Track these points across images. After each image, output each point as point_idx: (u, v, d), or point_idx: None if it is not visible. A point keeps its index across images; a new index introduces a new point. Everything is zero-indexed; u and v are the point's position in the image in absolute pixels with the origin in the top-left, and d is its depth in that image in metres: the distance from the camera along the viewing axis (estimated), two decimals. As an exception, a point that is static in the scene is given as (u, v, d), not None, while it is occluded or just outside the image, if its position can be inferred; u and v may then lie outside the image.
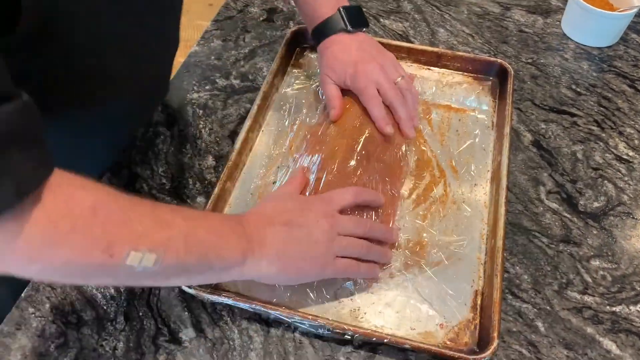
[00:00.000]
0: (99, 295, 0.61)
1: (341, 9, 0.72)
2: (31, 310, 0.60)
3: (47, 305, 0.60)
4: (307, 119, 0.77)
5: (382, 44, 0.84)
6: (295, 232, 0.57)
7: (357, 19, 0.73)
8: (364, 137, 0.69)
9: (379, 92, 0.70)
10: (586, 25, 0.90)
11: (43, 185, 0.41)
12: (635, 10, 0.87)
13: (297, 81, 0.83)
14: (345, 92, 0.73)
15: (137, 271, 0.45)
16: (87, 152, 0.63)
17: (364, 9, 0.77)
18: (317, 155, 0.67)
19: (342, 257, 0.59)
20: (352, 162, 0.66)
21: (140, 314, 0.60)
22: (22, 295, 0.61)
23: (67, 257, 0.42)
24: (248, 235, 0.55)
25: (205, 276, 0.54)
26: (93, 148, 0.67)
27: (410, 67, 0.85)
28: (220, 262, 0.53)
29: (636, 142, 0.78)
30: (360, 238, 0.61)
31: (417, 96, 0.76)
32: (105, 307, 0.60)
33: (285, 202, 0.60)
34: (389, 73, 0.72)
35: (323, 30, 0.73)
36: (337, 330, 0.58)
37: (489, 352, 0.55)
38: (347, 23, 0.72)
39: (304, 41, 0.88)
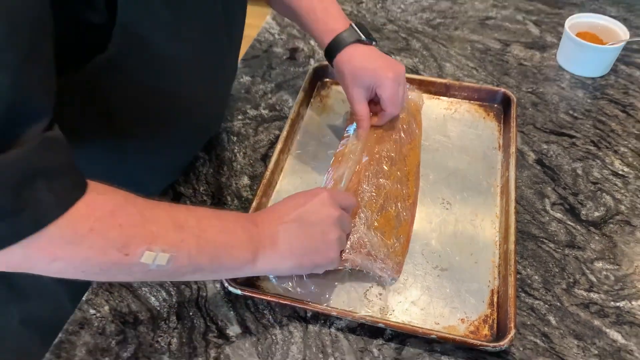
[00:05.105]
0: (152, 299, 0.68)
1: (353, 24, 0.78)
2: (92, 311, 0.67)
3: (106, 307, 0.67)
4: (329, 145, 0.85)
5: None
6: (306, 227, 0.61)
7: (366, 33, 0.79)
8: (383, 156, 0.77)
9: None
10: (579, 58, 0.99)
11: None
12: (623, 43, 0.97)
13: (318, 111, 0.92)
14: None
15: (150, 269, 0.51)
16: (150, 171, 0.69)
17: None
18: (342, 168, 0.76)
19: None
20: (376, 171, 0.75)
21: (191, 313, 0.67)
22: (83, 298, 0.68)
23: (86, 255, 0.47)
24: (260, 234, 0.59)
25: (218, 274, 0.61)
26: (156, 166, 0.74)
27: (422, 97, 0.94)
28: (232, 261, 0.57)
29: (630, 159, 0.86)
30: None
31: None
32: (158, 308, 0.67)
33: (295, 198, 0.64)
34: (404, 80, 0.80)
35: (340, 42, 0.77)
36: (371, 324, 0.64)
37: (507, 340, 0.61)
38: (362, 35, 0.77)
39: (325, 76, 0.97)
